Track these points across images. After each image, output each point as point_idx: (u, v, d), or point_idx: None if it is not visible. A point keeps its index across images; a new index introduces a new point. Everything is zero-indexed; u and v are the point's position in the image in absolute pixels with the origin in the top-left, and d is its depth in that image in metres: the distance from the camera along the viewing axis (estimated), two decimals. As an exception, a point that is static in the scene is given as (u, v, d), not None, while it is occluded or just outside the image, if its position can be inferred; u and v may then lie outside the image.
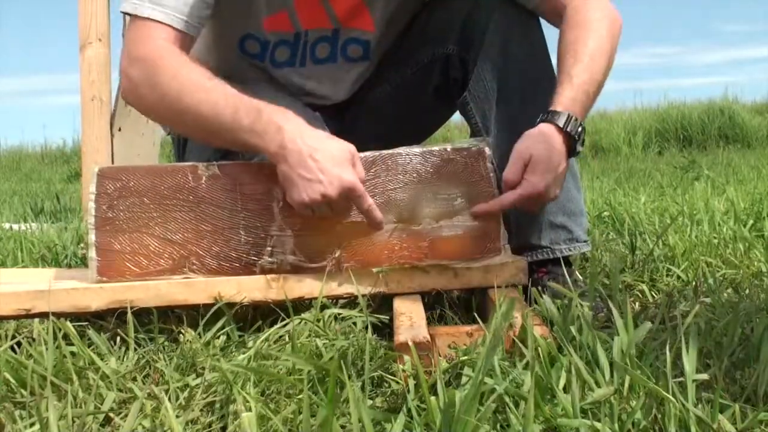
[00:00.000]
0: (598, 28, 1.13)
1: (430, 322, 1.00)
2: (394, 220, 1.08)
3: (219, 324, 0.99)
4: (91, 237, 1.06)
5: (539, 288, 1.11)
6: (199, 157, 1.19)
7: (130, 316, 0.98)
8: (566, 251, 1.19)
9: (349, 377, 0.80)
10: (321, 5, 1.25)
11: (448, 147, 1.10)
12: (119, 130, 3.14)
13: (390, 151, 1.10)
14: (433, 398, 0.67)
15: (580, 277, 1.21)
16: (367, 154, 1.09)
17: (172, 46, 1.09)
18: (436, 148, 1.11)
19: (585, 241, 1.21)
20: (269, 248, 1.07)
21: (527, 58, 1.21)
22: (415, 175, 1.09)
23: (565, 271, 1.13)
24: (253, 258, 1.07)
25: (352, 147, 1.03)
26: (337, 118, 1.39)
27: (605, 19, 1.14)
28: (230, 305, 1.02)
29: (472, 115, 1.24)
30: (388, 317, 1.02)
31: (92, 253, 1.06)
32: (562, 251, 1.19)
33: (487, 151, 1.11)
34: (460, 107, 1.27)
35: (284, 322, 0.98)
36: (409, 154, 1.10)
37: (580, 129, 1.08)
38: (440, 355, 0.86)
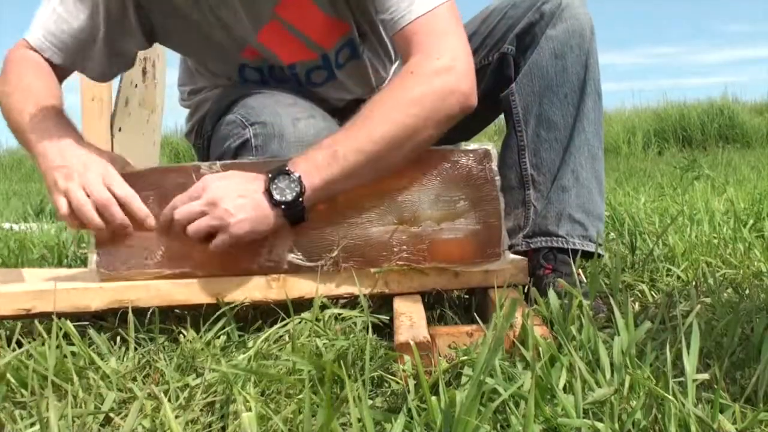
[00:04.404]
0: (400, 106, 1.03)
1: (430, 322, 1.00)
2: (395, 221, 1.08)
3: (219, 324, 0.99)
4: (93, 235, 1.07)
5: (542, 286, 1.11)
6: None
7: (130, 316, 0.98)
8: (579, 246, 1.19)
9: (349, 377, 0.80)
10: (295, 37, 1.25)
11: (454, 148, 1.10)
12: (119, 130, 3.14)
13: None
14: (433, 398, 0.67)
15: (584, 279, 1.21)
16: None
17: (29, 54, 1.20)
18: (441, 148, 1.10)
19: (599, 244, 1.21)
20: (268, 245, 1.07)
21: (578, 66, 1.22)
22: (418, 175, 1.08)
23: (572, 269, 1.13)
24: (252, 254, 1.07)
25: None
26: None
27: (418, 102, 1.03)
28: (230, 305, 1.02)
29: (515, 105, 1.24)
30: (388, 317, 1.02)
31: (94, 250, 1.07)
32: (575, 244, 1.20)
33: (493, 153, 1.10)
34: (504, 98, 1.27)
35: (284, 322, 0.98)
36: None
37: (291, 186, 1.01)
38: (440, 355, 0.86)
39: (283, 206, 1.02)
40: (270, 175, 1.02)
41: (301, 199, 1.02)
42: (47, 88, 1.17)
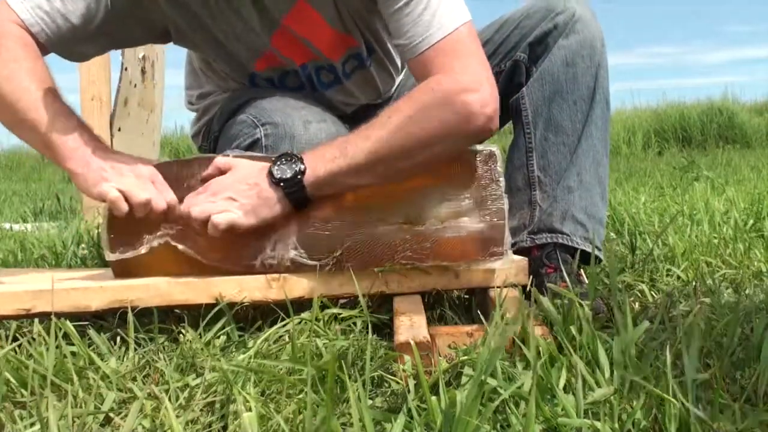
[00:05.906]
0: (407, 118, 1.04)
1: (430, 322, 1.00)
2: (401, 220, 1.08)
3: (219, 324, 0.99)
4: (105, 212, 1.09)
5: (544, 285, 1.11)
6: None
7: (130, 316, 0.98)
8: (581, 245, 1.21)
9: (350, 377, 0.80)
10: (305, 45, 1.26)
11: None
12: (119, 130, 3.15)
13: None
14: (433, 398, 0.67)
15: (586, 279, 1.21)
16: None
17: (11, 28, 1.09)
18: None
19: (598, 248, 1.22)
20: (272, 240, 1.07)
21: (588, 76, 1.23)
22: (425, 175, 1.08)
23: (571, 269, 1.14)
24: (255, 250, 1.07)
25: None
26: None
27: (433, 116, 1.03)
28: (231, 305, 1.02)
29: (525, 108, 1.25)
30: (388, 317, 1.02)
31: (105, 230, 1.10)
32: (578, 243, 1.21)
33: (498, 155, 1.11)
34: (513, 102, 1.28)
35: (284, 322, 0.98)
36: None
37: (296, 177, 1.04)
38: (440, 355, 0.86)
39: (282, 183, 1.04)
40: (274, 158, 1.06)
41: (300, 177, 1.04)
42: (43, 73, 1.10)
